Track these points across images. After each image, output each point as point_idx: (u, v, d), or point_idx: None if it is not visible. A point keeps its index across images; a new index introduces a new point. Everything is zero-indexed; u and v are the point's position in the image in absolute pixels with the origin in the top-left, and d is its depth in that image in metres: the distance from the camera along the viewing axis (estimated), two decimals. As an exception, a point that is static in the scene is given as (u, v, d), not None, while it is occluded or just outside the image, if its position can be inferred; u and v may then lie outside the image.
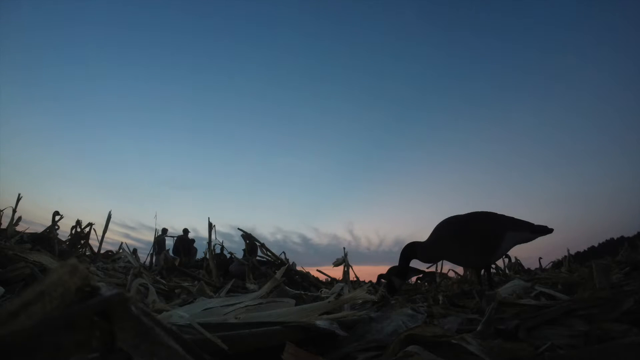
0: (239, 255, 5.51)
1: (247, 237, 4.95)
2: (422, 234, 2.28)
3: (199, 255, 8.02)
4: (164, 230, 7.78)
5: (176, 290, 2.25)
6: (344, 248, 4.12)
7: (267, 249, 4.96)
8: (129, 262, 4.19)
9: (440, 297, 1.94)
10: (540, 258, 6.38)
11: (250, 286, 3.17)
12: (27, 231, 4.26)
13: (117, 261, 4.46)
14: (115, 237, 6.29)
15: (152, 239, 5.54)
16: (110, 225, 4.55)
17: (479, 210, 2.09)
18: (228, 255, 5.42)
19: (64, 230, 5.12)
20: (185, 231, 8.19)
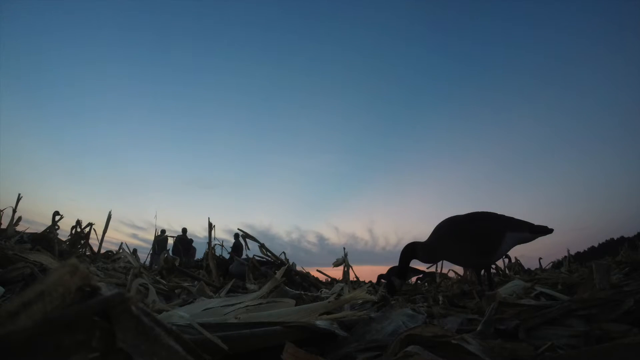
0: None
1: (244, 236, 4.95)
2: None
3: (199, 255, 8.02)
4: (163, 231, 7.78)
5: (176, 291, 2.24)
6: (344, 248, 4.12)
7: (267, 249, 4.95)
8: (129, 262, 4.18)
9: (440, 297, 1.94)
10: (540, 258, 6.38)
11: (250, 286, 3.17)
12: (27, 231, 4.26)
13: (117, 261, 4.46)
14: (122, 238, 6.30)
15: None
16: (118, 226, 4.59)
17: (479, 210, 2.09)
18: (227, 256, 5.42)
19: (65, 230, 5.12)
20: (184, 231, 8.19)
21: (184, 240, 8.01)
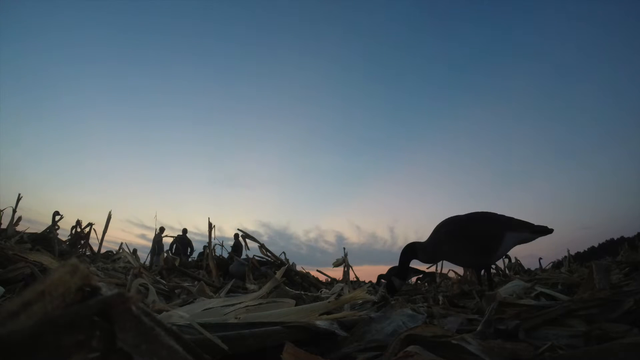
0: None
1: (244, 236, 4.95)
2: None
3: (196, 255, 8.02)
4: (162, 229, 7.75)
5: (176, 291, 2.25)
6: (344, 248, 4.13)
7: (267, 249, 4.96)
8: (129, 262, 4.19)
9: (440, 297, 1.94)
10: (540, 258, 6.40)
11: (250, 286, 3.17)
12: (27, 231, 4.26)
13: (117, 261, 4.46)
14: (130, 238, 6.30)
15: (169, 240, 5.61)
16: (126, 226, 4.60)
17: (479, 210, 2.09)
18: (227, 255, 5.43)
19: (65, 229, 5.12)
20: (184, 231, 8.18)
21: (183, 240, 8.01)
